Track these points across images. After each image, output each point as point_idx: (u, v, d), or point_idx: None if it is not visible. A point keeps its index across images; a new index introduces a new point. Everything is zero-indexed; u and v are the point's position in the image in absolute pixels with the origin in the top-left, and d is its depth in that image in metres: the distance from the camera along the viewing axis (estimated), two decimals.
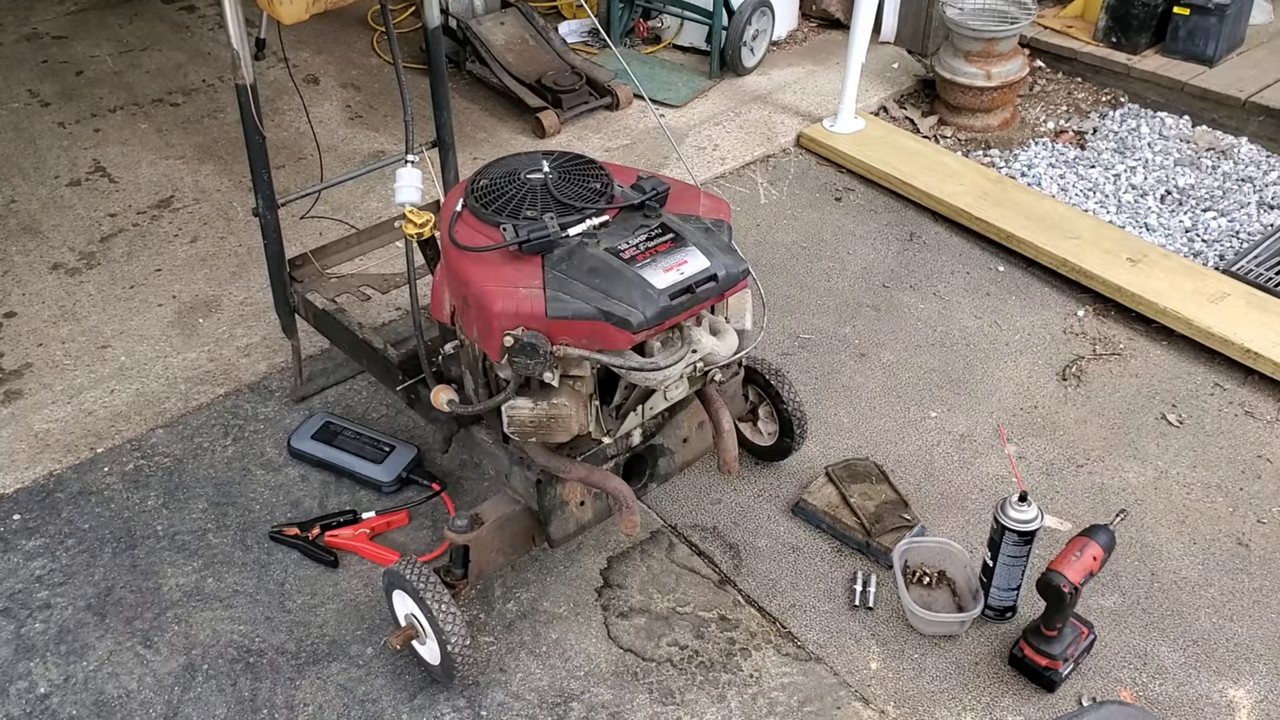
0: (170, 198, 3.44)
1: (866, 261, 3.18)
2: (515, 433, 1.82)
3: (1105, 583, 2.19)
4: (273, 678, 2.03)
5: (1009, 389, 2.72)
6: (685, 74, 4.07)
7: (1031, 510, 2.00)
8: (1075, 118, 3.85)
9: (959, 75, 3.69)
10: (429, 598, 1.86)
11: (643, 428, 2.02)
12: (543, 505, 1.95)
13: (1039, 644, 1.99)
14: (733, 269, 1.79)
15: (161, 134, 3.77)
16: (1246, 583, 2.22)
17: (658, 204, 1.86)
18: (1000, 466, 2.48)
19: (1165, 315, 2.84)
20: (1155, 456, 2.52)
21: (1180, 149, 3.61)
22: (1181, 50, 3.83)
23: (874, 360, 2.81)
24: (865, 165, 3.50)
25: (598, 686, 2.02)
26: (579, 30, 4.34)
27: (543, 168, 1.93)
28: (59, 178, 3.53)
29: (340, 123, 3.84)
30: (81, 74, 4.14)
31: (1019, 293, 3.05)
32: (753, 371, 2.31)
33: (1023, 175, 3.53)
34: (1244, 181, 3.44)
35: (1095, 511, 2.36)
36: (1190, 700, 2.00)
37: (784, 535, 2.33)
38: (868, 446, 2.54)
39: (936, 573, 2.21)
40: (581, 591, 2.20)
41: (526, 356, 1.68)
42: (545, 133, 3.69)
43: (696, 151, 3.65)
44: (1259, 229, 3.23)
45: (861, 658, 2.08)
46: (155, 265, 3.14)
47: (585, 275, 1.71)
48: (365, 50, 4.32)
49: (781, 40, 4.30)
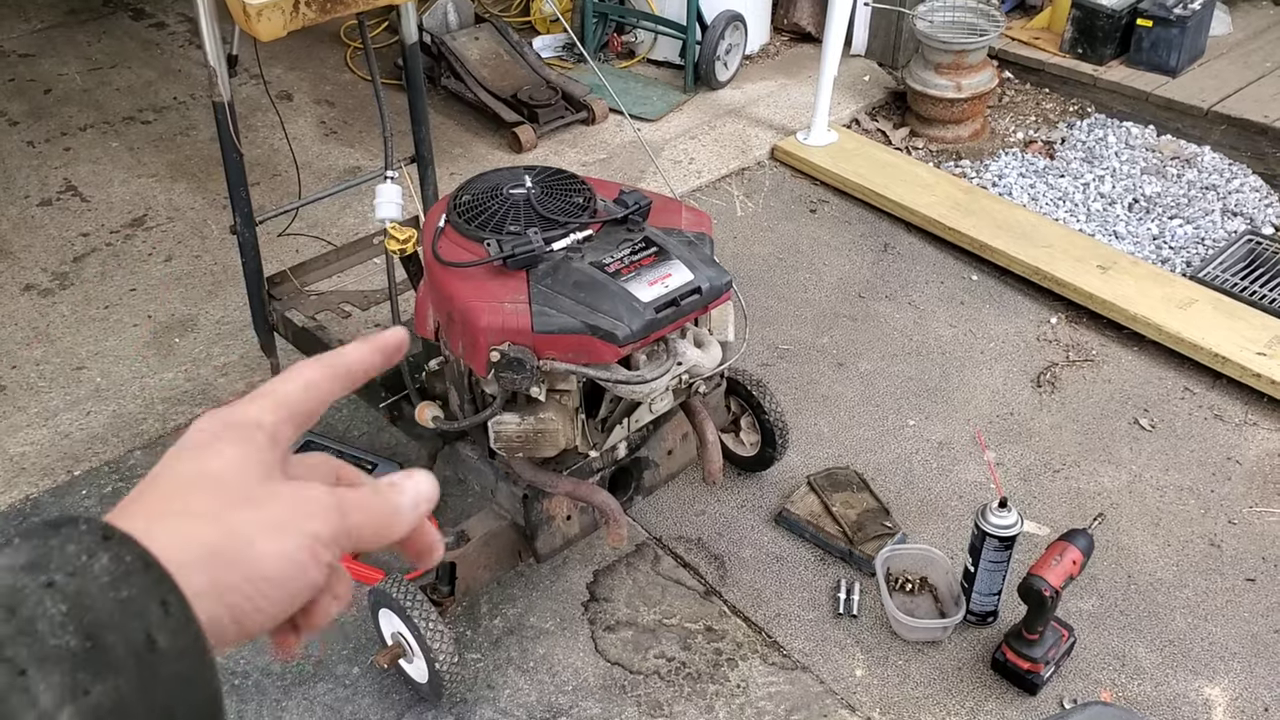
0: (143, 216, 3.41)
1: (842, 272, 3.21)
2: (502, 448, 1.82)
3: (1083, 586, 2.23)
4: (258, 699, 2.01)
5: (985, 396, 2.75)
6: (660, 88, 4.10)
7: (1011, 516, 2.03)
8: (1044, 128, 3.92)
9: (930, 87, 3.75)
10: (416, 616, 1.86)
11: (628, 440, 2.04)
12: (529, 520, 1.96)
13: (1021, 648, 2.02)
14: (716, 282, 1.81)
15: (133, 152, 3.74)
16: (1219, 582, 2.26)
17: (641, 218, 1.88)
18: (978, 473, 2.52)
19: (1136, 321, 2.90)
20: (1129, 461, 2.56)
21: (1146, 158, 3.69)
22: (1145, 61, 3.91)
23: (852, 370, 2.84)
24: (839, 177, 3.55)
25: (586, 700, 2.02)
26: (553, 45, 4.36)
27: (525, 183, 1.94)
28: (29, 197, 3.50)
29: (315, 139, 3.83)
30: (50, 92, 4.10)
31: (992, 301, 3.09)
32: (735, 383, 2.33)
33: (994, 185, 3.59)
34: (1208, 189, 3.51)
35: (1072, 516, 2.40)
36: (1168, 699, 2.04)
37: (768, 545, 2.34)
38: (848, 455, 2.57)
39: (919, 579, 2.24)
40: (568, 606, 2.20)
41: (513, 371, 1.69)
42: (522, 148, 3.70)
43: (672, 165, 3.67)
44: (1223, 235, 3.30)
45: (847, 665, 2.09)
46: (130, 285, 3.12)
47: (570, 290, 1.73)
48: (339, 66, 4.31)
49: (754, 54, 4.35)
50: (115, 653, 0.36)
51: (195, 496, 0.43)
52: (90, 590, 0.37)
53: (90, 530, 0.38)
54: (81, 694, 0.35)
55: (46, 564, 0.37)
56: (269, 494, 0.44)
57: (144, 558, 0.38)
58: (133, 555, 0.38)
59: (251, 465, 0.45)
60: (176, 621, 0.38)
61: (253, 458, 0.46)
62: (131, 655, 0.36)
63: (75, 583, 0.37)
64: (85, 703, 0.35)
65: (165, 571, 0.38)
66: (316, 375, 0.51)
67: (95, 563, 0.37)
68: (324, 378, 0.51)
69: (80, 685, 0.35)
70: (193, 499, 0.43)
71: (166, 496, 0.44)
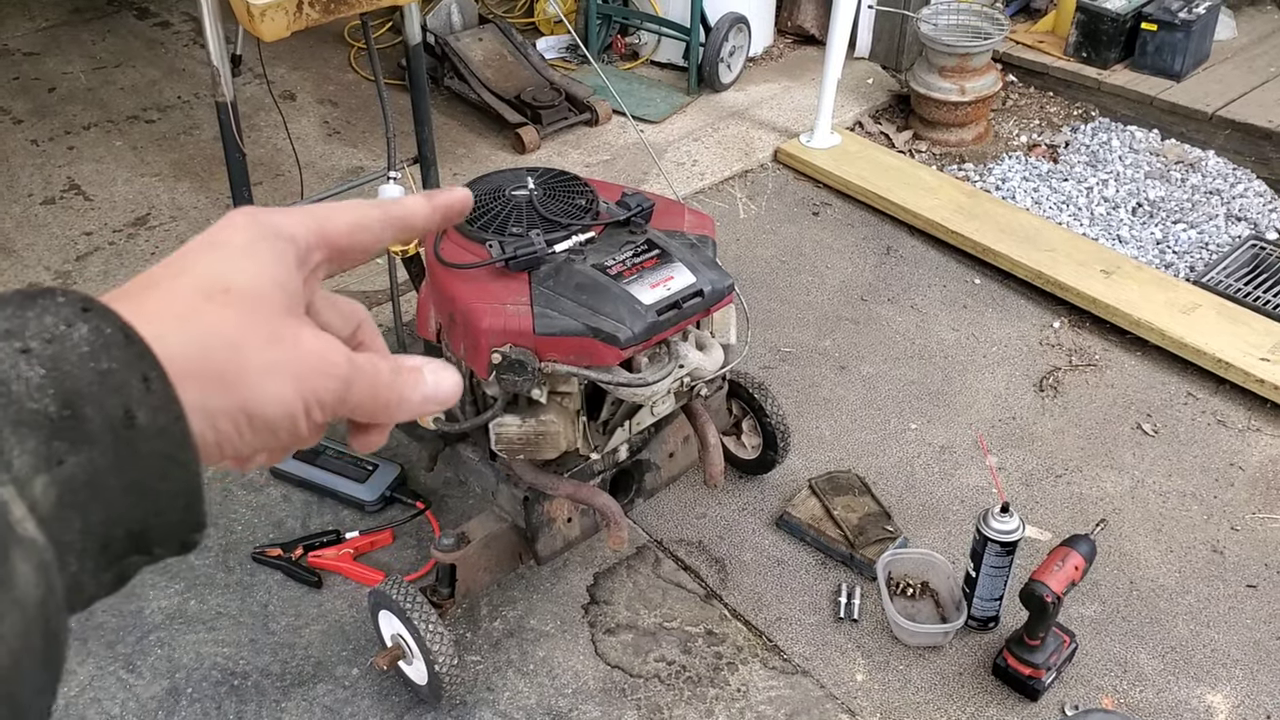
0: (146, 215, 3.41)
1: (845, 275, 3.21)
2: (503, 450, 1.82)
3: (1085, 592, 2.22)
4: (258, 700, 2.01)
5: (987, 400, 2.75)
6: (663, 90, 4.10)
7: (1013, 521, 2.02)
8: (1048, 132, 3.92)
9: (933, 90, 3.74)
10: (416, 617, 1.86)
11: (629, 443, 2.03)
12: (530, 522, 1.95)
13: (1022, 653, 2.02)
14: (718, 284, 1.80)
15: (137, 151, 3.74)
16: (1222, 589, 2.26)
17: (643, 220, 1.88)
18: (980, 478, 2.51)
19: (1139, 326, 2.89)
20: (1131, 466, 2.56)
21: (1150, 162, 3.68)
22: (1150, 65, 3.91)
23: (854, 373, 2.83)
24: (842, 180, 3.54)
25: (586, 704, 2.02)
26: (557, 46, 4.36)
27: (528, 184, 1.94)
28: (33, 196, 3.50)
29: (318, 139, 3.83)
30: (54, 91, 4.10)
31: (995, 305, 3.09)
32: (736, 385, 2.33)
33: (997, 189, 3.58)
34: (1212, 194, 3.51)
35: (1074, 521, 2.39)
36: (1170, 706, 2.03)
37: (769, 548, 2.34)
38: (850, 459, 2.56)
39: (920, 584, 2.23)
40: (568, 609, 2.20)
41: (514, 373, 1.68)
42: (525, 149, 3.70)
43: (675, 167, 3.67)
44: (1227, 240, 3.29)
45: (847, 670, 2.09)
46: None
47: (572, 292, 1.72)
48: (342, 66, 4.31)
49: (758, 56, 4.34)
50: (92, 425, 0.34)
51: (213, 307, 0.40)
52: (69, 358, 0.35)
53: (69, 301, 0.36)
54: (56, 463, 0.34)
55: (21, 331, 0.35)
56: (292, 333, 0.42)
57: (125, 330, 0.36)
58: (113, 328, 0.36)
59: (277, 290, 0.42)
60: (157, 399, 0.36)
61: (279, 278, 0.43)
62: (108, 429, 0.35)
63: (52, 349, 0.35)
64: (59, 472, 0.34)
65: (147, 346, 0.36)
66: (369, 214, 0.48)
67: (74, 332, 0.35)
68: (376, 219, 0.48)
69: (55, 454, 0.34)
70: (210, 309, 0.40)
71: (184, 296, 0.40)
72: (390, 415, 0.46)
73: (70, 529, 0.34)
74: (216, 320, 0.40)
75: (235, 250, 0.43)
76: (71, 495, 0.34)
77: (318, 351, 0.42)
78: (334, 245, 0.47)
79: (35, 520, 0.33)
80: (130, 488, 0.36)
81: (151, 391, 0.36)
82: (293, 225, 0.45)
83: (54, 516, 0.34)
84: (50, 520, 0.34)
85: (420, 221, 0.50)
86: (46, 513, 0.33)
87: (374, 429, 0.48)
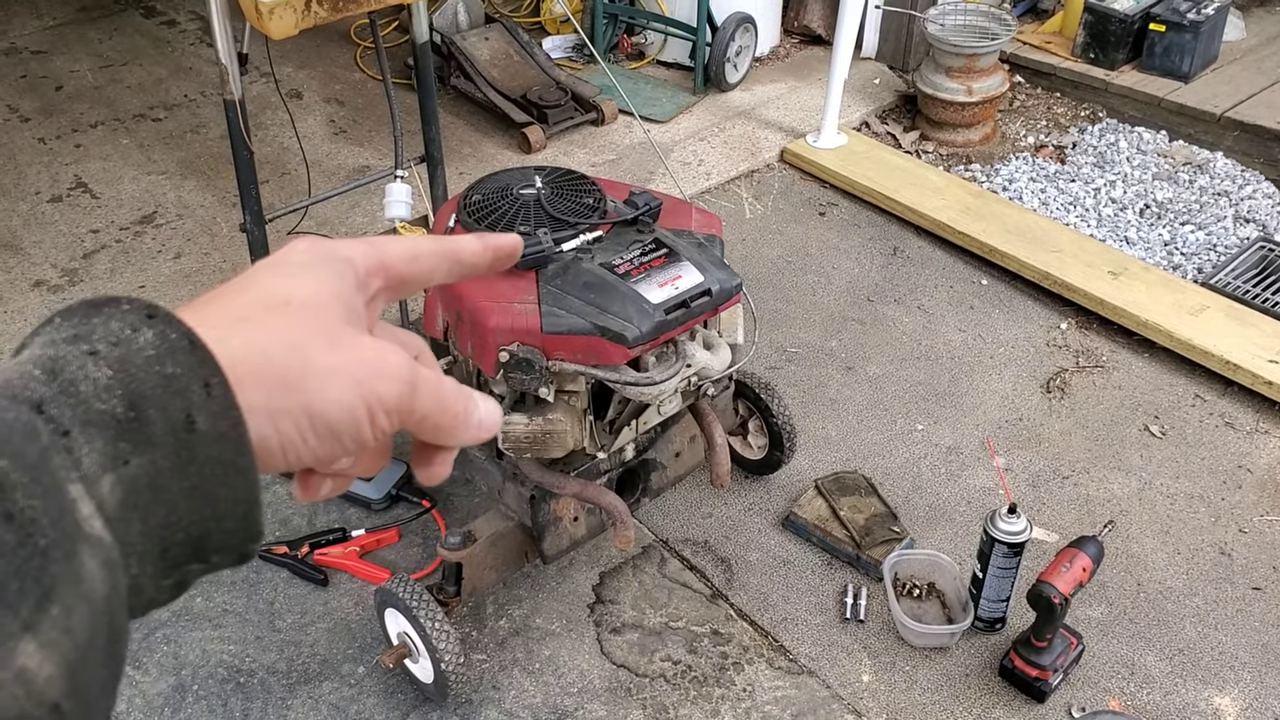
0: (153, 213, 3.42)
1: (851, 276, 3.20)
2: (510, 448, 1.82)
3: (1092, 593, 2.22)
4: (264, 698, 2.01)
5: (994, 402, 2.74)
6: (669, 89, 4.10)
7: (1021, 522, 2.02)
8: (1055, 132, 3.91)
9: (940, 91, 3.73)
10: (422, 616, 1.85)
11: (636, 442, 2.03)
12: (536, 521, 1.95)
13: (1029, 655, 2.01)
14: (726, 284, 1.80)
15: (143, 149, 3.75)
16: (1230, 591, 2.25)
17: (651, 219, 1.88)
18: (987, 479, 2.50)
19: (1146, 328, 2.88)
20: (1139, 468, 2.55)
21: (1158, 163, 3.67)
22: (1158, 66, 3.90)
23: (861, 374, 2.83)
24: (848, 180, 3.54)
25: (591, 703, 2.01)
26: (563, 46, 4.36)
27: (535, 183, 1.94)
28: (40, 194, 3.50)
29: (324, 138, 3.83)
30: (61, 89, 4.11)
31: (1002, 306, 3.08)
32: (743, 385, 2.32)
33: (1004, 190, 3.57)
34: (1220, 195, 3.50)
35: (1082, 523, 2.38)
36: (1177, 709, 2.03)
37: (775, 549, 2.33)
38: (856, 459, 2.56)
39: (926, 585, 2.23)
40: (574, 608, 2.19)
41: (522, 372, 1.68)
42: (531, 148, 3.69)
43: (682, 167, 3.67)
44: (1235, 242, 3.28)
45: (853, 670, 2.08)
46: (139, 282, 3.12)
47: (580, 290, 1.72)
48: (349, 65, 4.31)
49: (764, 56, 4.34)
50: (155, 428, 0.35)
51: (274, 316, 0.41)
52: (135, 360, 0.35)
53: (134, 309, 0.37)
54: (122, 464, 0.34)
55: (89, 335, 0.36)
56: (351, 340, 0.42)
57: (189, 336, 0.37)
58: (178, 334, 0.37)
59: (336, 302, 0.43)
60: (218, 404, 0.37)
61: (340, 294, 0.44)
62: (170, 433, 0.35)
63: (119, 352, 0.35)
64: (125, 472, 0.34)
65: (210, 353, 0.37)
66: (426, 248, 0.49)
67: (139, 336, 0.36)
68: (432, 253, 0.49)
69: (121, 455, 0.34)
70: (271, 317, 0.41)
71: (246, 305, 0.41)
72: (456, 430, 0.47)
73: (133, 530, 0.35)
74: (278, 325, 0.41)
75: (295, 268, 0.44)
76: (135, 496, 0.34)
77: (378, 354, 0.43)
78: (392, 272, 0.48)
79: (102, 519, 0.33)
80: (190, 492, 0.36)
81: (212, 397, 0.37)
82: (351, 249, 0.46)
83: (119, 517, 0.34)
84: (115, 520, 0.34)
85: (471, 258, 0.52)
86: (112, 512, 0.34)
87: (438, 455, 0.49)
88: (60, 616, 0.31)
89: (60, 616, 0.31)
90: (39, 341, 0.36)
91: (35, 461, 0.32)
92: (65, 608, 0.31)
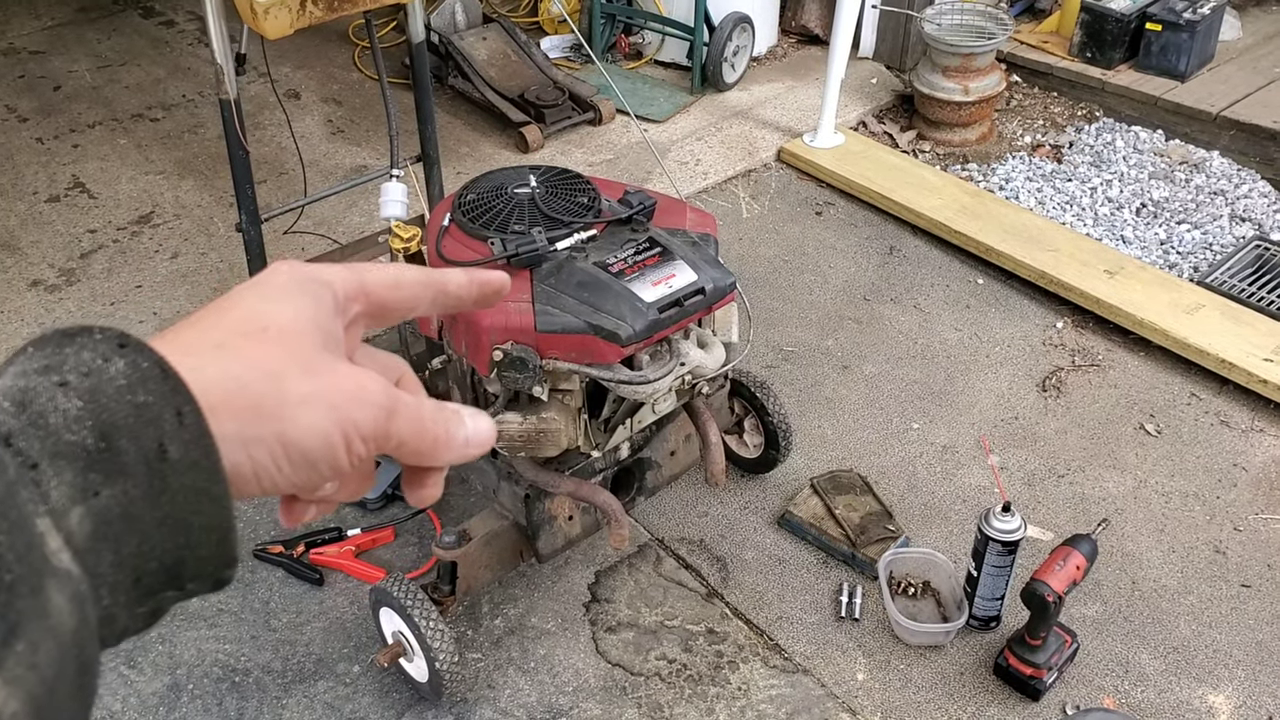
0: (150, 213, 3.42)
1: (848, 275, 3.21)
2: (504, 447, 1.82)
3: (1087, 591, 2.22)
4: (259, 697, 2.01)
5: (990, 400, 2.74)
6: (667, 89, 4.10)
7: (1015, 520, 2.02)
8: (1052, 132, 3.91)
9: (937, 90, 3.74)
10: (417, 615, 1.86)
11: (631, 441, 2.03)
12: (531, 520, 1.95)
13: (1023, 653, 2.01)
14: (720, 282, 1.80)
15: (141, 149, 3.75)
16: (1224, 590, 2.25)
17: (645, 218, 1.88)
18: (982, 477, 2.51)
19: (1142, 326, 2.88)
20: (1134, 466, 2.55)
21: (1154, 163, 3.67)
22: (1154, 66, 3.90)
23: (856, 372, 2.83)
24: (845, 180, 3.54)
25: (586, 702, 2.02)
26: (561, 45, 4.36)
27: (530, 182, 1.94)
28: (37, 193, 3.51)
29: (322, 137, 3.84)
30: (59, 89, 4.12)
31: (998, 305, 3.08)
32: (738, 384, 2.33)
33: (1001, 189, 3.57)
34: (1216, 195, 3.50)
35: (1076, 521, 2.38)
36: (1171, 706, 2.03)
37: (770, 547, 2.34)
38: (852, 458, 2.56)
39: (921, 583, 2.23)
40: (569, 607, 2.20)
41: (516, 371, 1.69)
42: (528, 147, 3.70)
43: (679, 166, 3.67)
44: (1231, 241, 3.29)
45: (848, 669, 2.09)
46: (136, 282, 3.12)
47: (574, 289, 1.72)
48: (346, 65, 4.32)
49: (761, 56, 4.34)
50: (126, 457, 0.35)
51: (251, 343, 0.41)
52: (106, 391, 0.35)
53: (106, 338, 0.37)
54: (91, 495, 0.34)
55: (60, 366, 0.36)
56: (327, 366, 0.42)
57: (161, 365, 0.37)
58: (149, 362, 0.37)
59: (314, 328, 0.43)
60: (190, 432, 0.36)
61: (318, 319, 0.44)
62: (142, 462, 0.35)
63: (90, 382, 0.35)
64: (94, 504, 0.34)
65: (182, 381, 0.37)
66: (410, 277, 0.49)
67: (111, 366, 0.36)
68: (416, 282, 0.49)
69: (91, 486, 0.34)
70: (248, 344, 0.41)
71: (224, 331, 0.41)
72: (437, 453, 0.46)
73: (104, 561, 0.35)
74: (255, 352, 0.41)
75: (274, 291, 0.44)
76: (106, 528, 0.34)
77: (354, 381, 0.43)
78: (373, 298, 0.47)
79: (70, 552, 0.33)
80: (163, 520, 0.36)
81: (184, 425, 0.36)
82: (331, 274, 0.46)
83: (88, 549, 0.34)
84: (85, 552, 0.34)
85: (456, 290, 0.51)
86: (81, 544, 0.34)
87: (428, 477, 0.49)
88: (26, 652, 0.30)
89: (26, 652, 0.30)
90: (11, 372, 0.36)
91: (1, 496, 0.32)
92: (31, 643, 0.31)
